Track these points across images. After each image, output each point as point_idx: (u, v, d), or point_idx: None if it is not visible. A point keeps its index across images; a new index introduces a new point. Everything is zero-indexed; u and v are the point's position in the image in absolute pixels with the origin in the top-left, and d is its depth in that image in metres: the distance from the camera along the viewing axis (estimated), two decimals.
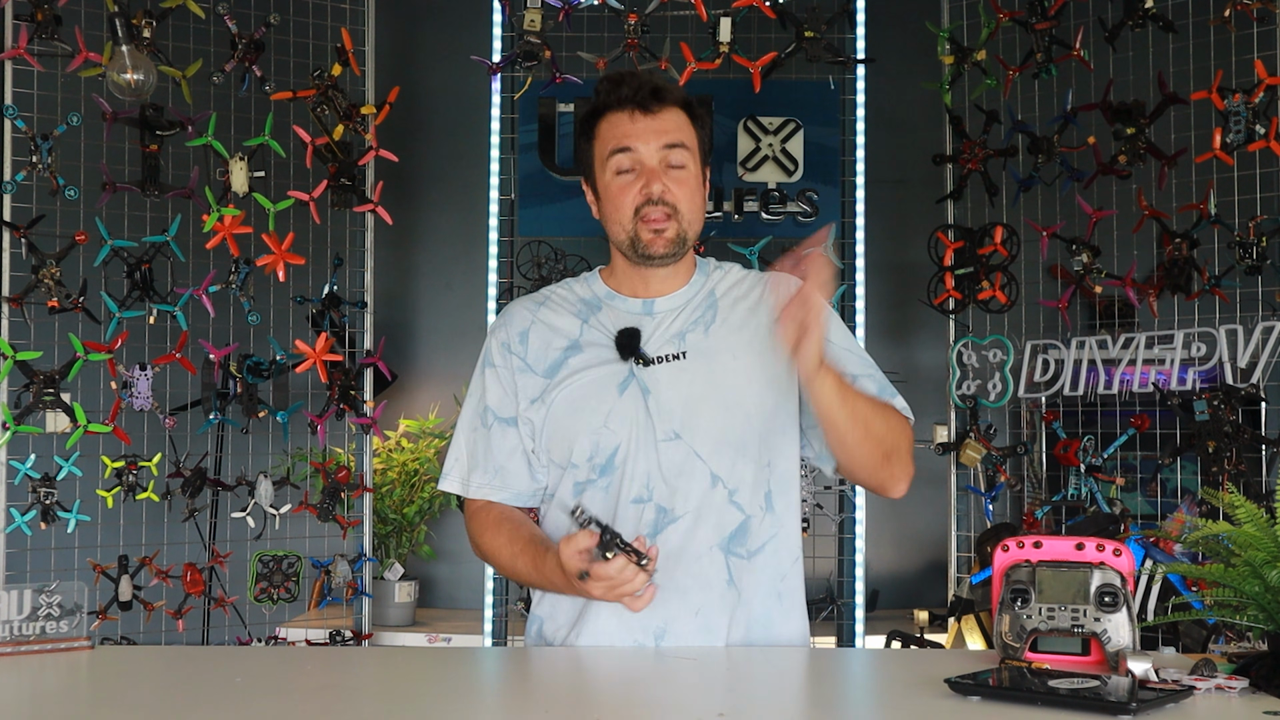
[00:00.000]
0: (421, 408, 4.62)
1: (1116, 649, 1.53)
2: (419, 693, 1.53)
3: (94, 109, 3.55)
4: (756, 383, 1.86)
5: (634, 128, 1.84)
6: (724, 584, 1.82)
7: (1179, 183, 3.64)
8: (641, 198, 1.83)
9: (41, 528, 3.51)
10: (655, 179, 1.83)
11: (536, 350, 1.90)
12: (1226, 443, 3.43)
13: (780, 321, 1.66)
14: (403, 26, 4.73)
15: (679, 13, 3.83)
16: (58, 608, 1.71)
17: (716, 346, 1.87)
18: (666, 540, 1.80)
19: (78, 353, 3.47)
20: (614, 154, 1.84)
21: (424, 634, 4.10)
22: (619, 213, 1.85)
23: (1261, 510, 1.54)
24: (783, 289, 1.74)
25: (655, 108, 1.84)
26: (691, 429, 1.82)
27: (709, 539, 1.82)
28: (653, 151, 1.84)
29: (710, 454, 1.82)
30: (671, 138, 1.85)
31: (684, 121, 1.87)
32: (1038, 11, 3.74)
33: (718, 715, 1.34)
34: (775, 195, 3.88)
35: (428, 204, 4.75)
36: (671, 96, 1.86)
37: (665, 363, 1.85)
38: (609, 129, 1.86)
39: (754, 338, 1.88)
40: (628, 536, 1.74)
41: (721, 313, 1.91)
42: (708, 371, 1.85)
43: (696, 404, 1.83)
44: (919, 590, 4.48)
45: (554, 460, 1.89)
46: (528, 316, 1.94)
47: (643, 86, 1.84)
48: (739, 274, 1.97)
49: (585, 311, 1.92)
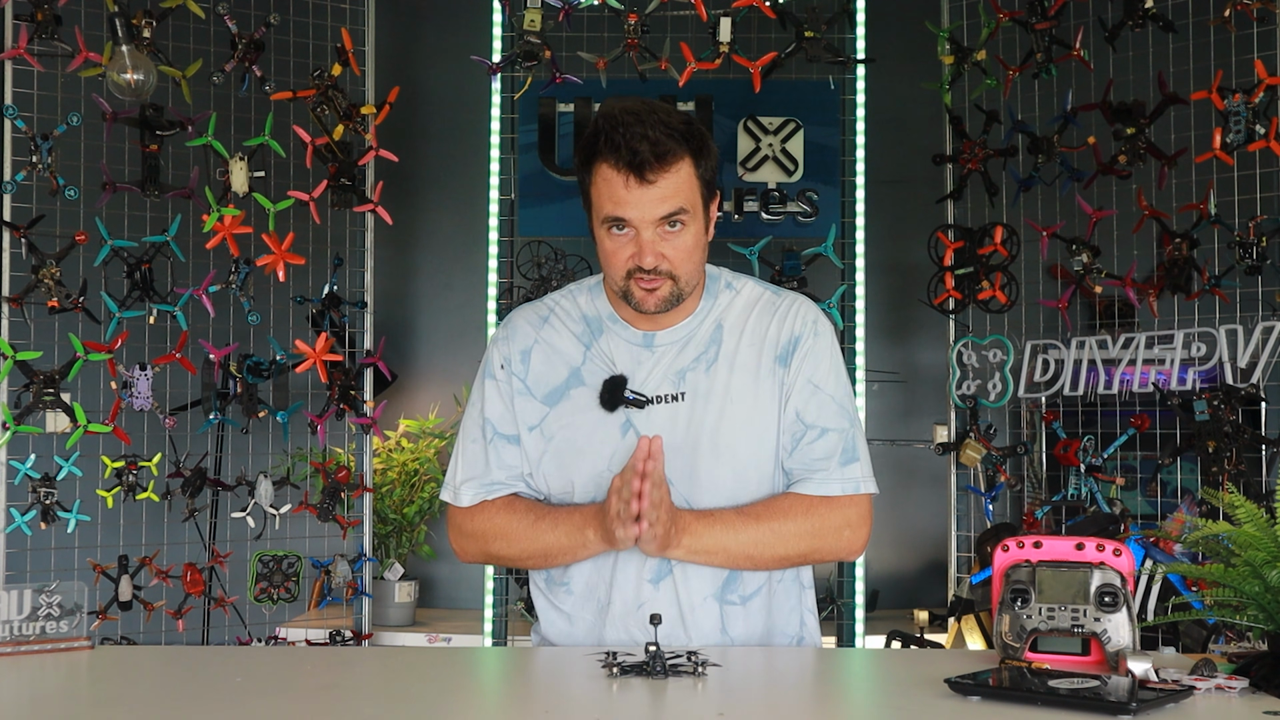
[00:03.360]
0: (421, 408, 4.62)
1: (1116, 649, 1.53)
2: (419, 693, 1.53)
3: (94, 109, 3.55)
4: (752, 431, 1.82)
5: (628, 196, 1.71)
6: (719, 634, 1.82)
7: (1179, 183, 3.64)
8: (633, 264, 1.75)
9: (41, 528, 3.51)
10: (648, 252, 1.73)
11: (538, 371, 1.87)
12: (1226, 443, 3.43)
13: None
14: (403, 26, 4.73)
15: (679, 13, 3.83)
16: (58, 608, 1.71)
17: (716, 389, 1.82)
18: (667, 587, 1.81)
19: (78, 353, 3.47)
20: (608, 219, 1.74)
21: (424, 634, 4.10)
22: (612, 269, 1.78)
23: (1261, 510, 1.54)
24: None
25: (652, 176, 1.69)
26: (685, 478, 1.80)
27: (703, 589, 1.81)
28: (648, 223, 1.72)
29: (703, 502, 1.81)
30: (669, 206, 1.72)
31: (687, 176, 1.73)
32: (1038, 11, 3.74)
33: (718, 715, 1.34)
34: (775, 195, 3.88)
35: (428, 204, 4.74)
36: (675, 152, 1.70)
37: (663, 403, 1.82)
38: (604, 185, 1.73)
39: (753, 380, 1.83)
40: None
41: (726, 349, 1.84)
42: (704, 418, 1.81)
43: (690, 453, 1.80)
44: (919, 590, 4.48)
45: (551, 490, 1.87)
46: (531, 334, 1.89)
47: (640, 146, 1.68)
48: (750, 295, 1.89)
49: (587, 335, 1.87)
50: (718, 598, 1.82)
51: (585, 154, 1.76)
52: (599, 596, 1.84)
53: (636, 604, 1.81)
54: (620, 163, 1.70)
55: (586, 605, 1.86)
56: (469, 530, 1.89)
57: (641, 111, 1.72)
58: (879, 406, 4.39)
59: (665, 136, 1.70)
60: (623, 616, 1.82)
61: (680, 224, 1.74)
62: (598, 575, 1.84)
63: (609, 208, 1.73)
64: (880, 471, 1.90)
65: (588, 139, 1.75)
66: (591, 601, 1.85)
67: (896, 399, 4.53)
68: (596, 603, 1.84)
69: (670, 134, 1.71)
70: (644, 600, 1.81)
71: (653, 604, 1.79)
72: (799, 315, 1.86)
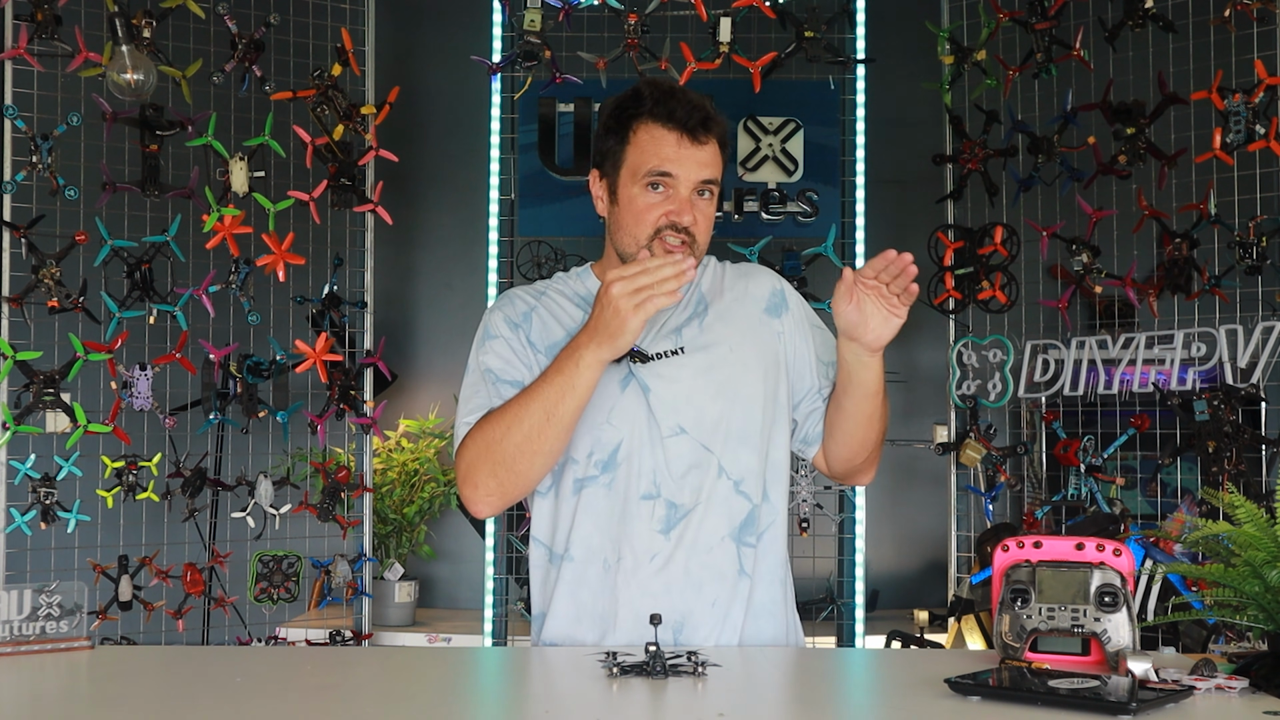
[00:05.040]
0: (421, 408, 4.62)
1: (1116, 649, 1.53)
2: (419, 693, 1.53)
3: (94, 109, 3.55)
4: (754, 373, 1.89)
5: (679, 153, 1.82)
6: (736, 573, 1.84)
7: (1179, 183, 3.64)
8: (666, 221, 1.82)
9: (41, 528, 3.51)
10: (686, 210, 1.82)
11: (539, 332, 1.90)
12: (1226, 443, 3.43)
13: (874, 289, 1.69)
14: (403, 26, 4.73)
15: (679, 13, 3.83)
16: (58, 608, 1.71)
17: (713, 340, 1.89)
18: (679, 535, 1.82)
19: (78, 353, 3.47)
20: (652, 173, 1.82)
21: (424, 634, 4.10)
22: (638, 227, 1.84)
23: (1261, 510, 1.54)
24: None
25: (703, 138, 1.82)
26: (696, 423, 1.84)
27: (720, 529, 1.84)
28: (691, 182, 1.82)
29: (717, 446, 1.85)
30: (710, 172, 1.84)
31: (719, 153, 1.86)
32: (1038, 11, 3.74)
33: (718, 715, 1.34)
34: (775, 195, 3.88)
35: (428, 204, 4.75)
36: (716, 126, 1.84)
37: (664, 359, 1.86)
38: (651, 142, 1.83)
39: (746, 328, 1.92)
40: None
41: (713, 306, 1.93)
42: (707, 365, 1.87)
43: (699, 397, 1.85)
44: (919, 590, 4.48)
45: None
46: (530, 299, 1.95)
47: (695, 111, 1.82)
48: (716, 268, 2.00)
49: (583, 306, 1.93)
50: (735, 538, 1.84)
51: (626, 115, 1.85)
52: (605, 556, 1.83)
53: (650, 555, 1.81)
54: (674, 122, 1.82)
55: (590, 568, 1.84)
56: (472, 457, 1.79)
57: (681, 87, 1.88)
58: None
59: (711, 114, 1.85)
60: (634, 567, 1.81)
61: (709, 193, 1.86)
62: (602, 535, 1.83)
63: (655, 163, 1.82)
64: (880, 471, 1.96)
65: (626, 103, 1.86)
66: (596, 563, 1.83)
67: (896, 399, 4.47)
68: (603, 563, 1.83)
69: (713, 112, 1.86)
70: (656, 551, 1.81)
71: (665, 552, 1.81)
72: (765, 274, 2.01)
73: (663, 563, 1.82)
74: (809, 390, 1.95)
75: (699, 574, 1.82)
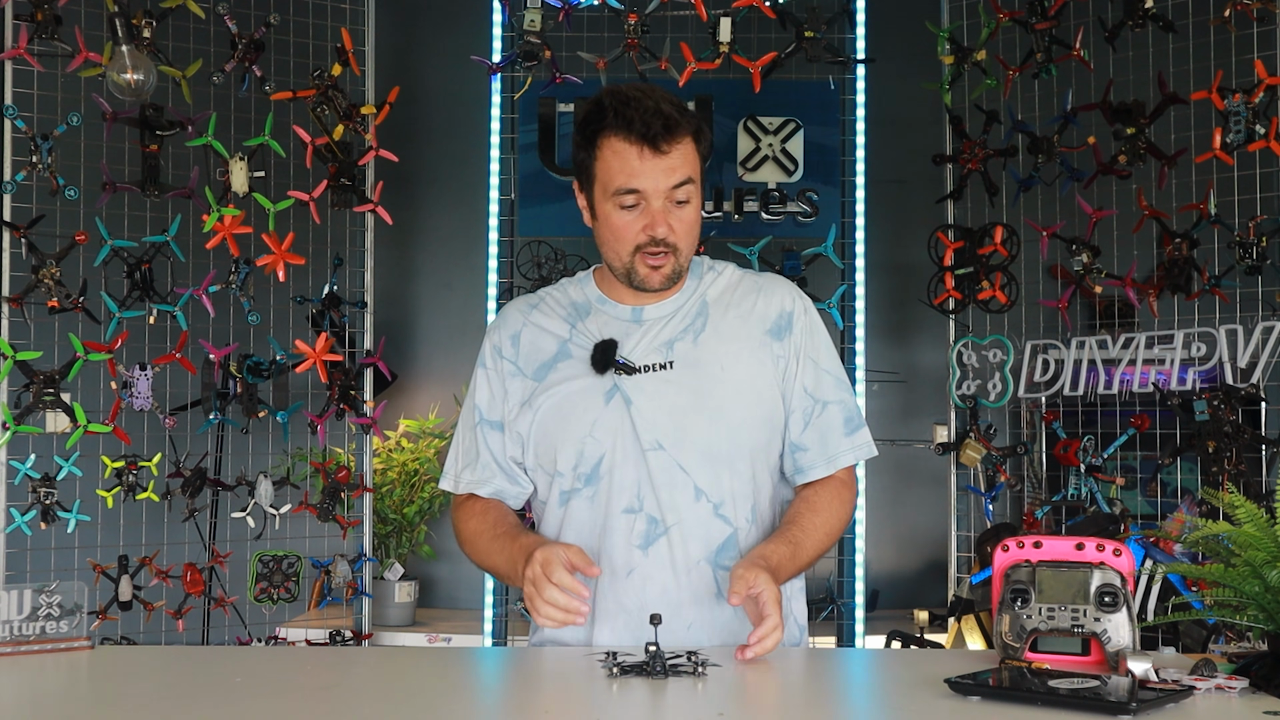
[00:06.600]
0: (421, 408, 4.62)
1: (1116, 649, 1.53)
2: (419, 693, 1.53)
3: (94, 109, 3.55)
4: (745, 396, 1.85)
5: (642, 166, 1.76)
6: (713, 598, 1.81)
7: (1179, 183, 3.64)
8: (644, 237, 1.79)
9: (41, 528, 3.51)
10: (660, 222, 1.78)
11: (527, 352, 1.90)
12: (1226, 443, 3.43)
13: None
14: (403, 26, 4.73)
15: (679, 13, 3.83)
16: (58, 608, 1.71)
17: (705, 357, 1.85)
18: (658, 551, 1.81)
19: (78, 353, 3.47)
20: (620, 191, 1.78)
21: (424, 634, 4.10)
22: (618, 245, 1.82)
23: (1261, 510, 1.54)
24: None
25: (666, 146, 1.75)
26: (675, 441, 1.81)
27: (697, 552, 1.81)
28: (660, 193, 1.77)
29: (694, 467, 1.81)
30: (680, 176, 1.78)
31: (691, 151, 1.79)
32: (1038, 11, 3.74)
33: (718, 715, 1.34)
34: (775, 195, 3.88)
35: (428, 204, 4.74)
36: (681, 128, 1.77)
37: (651, 372, 1.83)
38: (614, 158, 1.77)
39: (744, 349, 1.87)
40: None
41: (713, 320, 1.88)
42: (694, 383, 1.83)
43: (680, 416, 1.81)
44: (919, 590, 4.48)
45: (542, 467, 1.89)
46: (520, 319, 1.94)
47: (653, 120, 1.74)
48: (732, 276, 1.94)
49: (574, 315, 1.91)
50: (711, 561, 1.82)
51: (590, 131, 1.80)
52: None
53: (627, 570, 1.81)
54: (634, 134, 1.75)
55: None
56: (456, 523, 1.97)
57: (645, 89, 1.81)
58: (879, 406, 4.39)
59: (673, 110, 1.78)
60: (610, 582, 1.81)
61: (686, 200, 1.80)
62: (584, 547, 1.81)
63: (621, 180, 1.78)
64: (880, 471, 1.95)
65: (590, 116, 1.80)
66: (579, 574, 1.83)
67: (896, 399, 4.52)
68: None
69: (675, 109, 1.78)
70: (634, 566, 1.81)
71: (643, 569, 1.80)
72: (783, 291, 1.93)
73: (641, 580, 1.80)
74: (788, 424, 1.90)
75: (676, 596, 1.80)
